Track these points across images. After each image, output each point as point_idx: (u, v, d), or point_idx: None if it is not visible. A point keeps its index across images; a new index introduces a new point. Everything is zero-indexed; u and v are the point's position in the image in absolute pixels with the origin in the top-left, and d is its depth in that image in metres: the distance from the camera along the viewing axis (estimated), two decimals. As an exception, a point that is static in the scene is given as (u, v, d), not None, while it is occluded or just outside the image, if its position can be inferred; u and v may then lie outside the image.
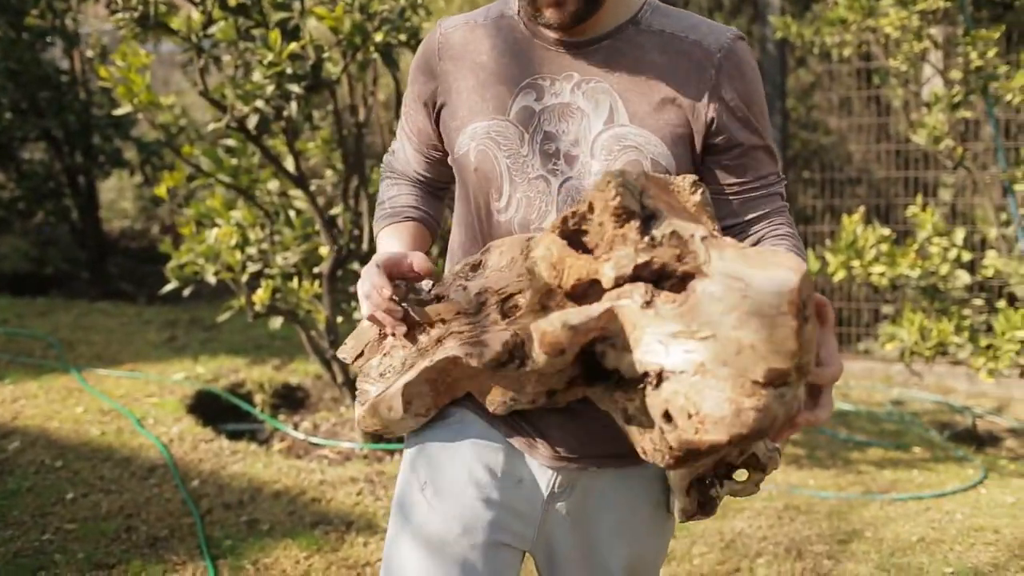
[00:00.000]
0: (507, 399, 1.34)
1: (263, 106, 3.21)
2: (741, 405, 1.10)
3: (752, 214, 1.43)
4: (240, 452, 3.45)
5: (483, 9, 1.51)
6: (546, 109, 1.39)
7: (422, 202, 1.60)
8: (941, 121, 3.96)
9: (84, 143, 6.28)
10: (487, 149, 1.41)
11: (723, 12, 5.69)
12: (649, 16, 1.41)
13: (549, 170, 1.39)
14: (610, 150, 1.37)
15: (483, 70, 1.44)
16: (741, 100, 1.38)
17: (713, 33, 1.40)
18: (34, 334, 4.72)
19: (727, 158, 1.40)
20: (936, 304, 4.02)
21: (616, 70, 1.38)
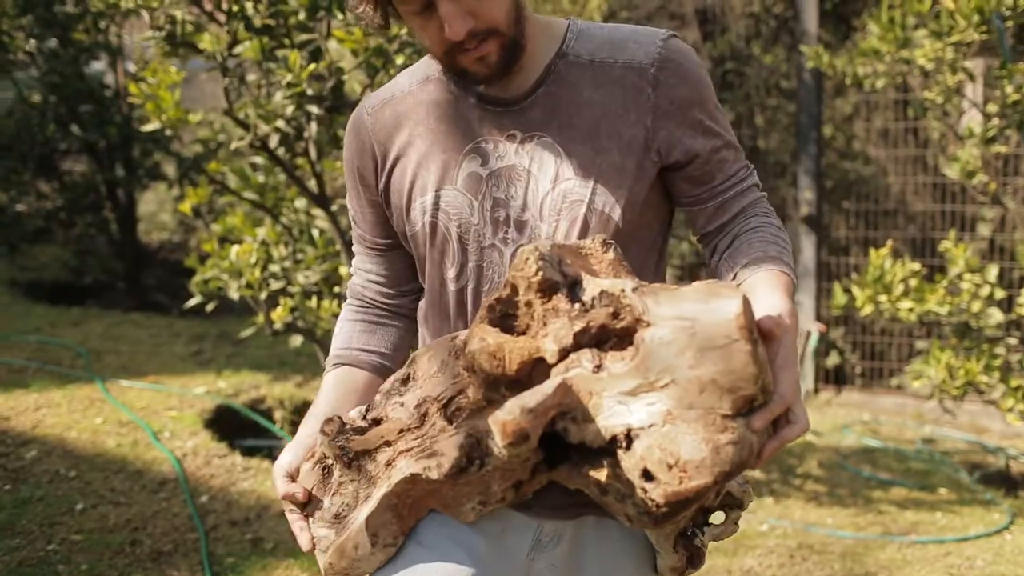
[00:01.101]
0: (475, 504, 1.29)
1: (283, 126, 3.23)
2: (718, 442, 1.09)
3: (728, 215, 1.40)
4: (252, 469, 3.46)
5: (404, 76, 1.46)
6: (493, 173, 1.35)
7: (361, 339, 1.52)
8: (975, 156, 3.88)
9: (125, 156, 6.40)
10: (438, 221, 1.37)
11: (761, 40, 5.65)
12: (575, 44, 1.37)
13: (500, 239, 1.36)
14: (558, 209, 1.33)
15: (423, 141, 1.39)
16: (687, 107, 1.34)
17: (642, 47, 1.35)
18: (64, 343, 4.79)
19: (691, 169, 1.36)
20: (966, 342, 3.92)
21: (555, 118, 1.34)
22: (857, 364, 5.50)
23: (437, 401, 1.29)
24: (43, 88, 6.10)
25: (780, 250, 1.34)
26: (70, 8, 5.99)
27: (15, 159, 6.17)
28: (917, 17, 3.94)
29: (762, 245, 1.34)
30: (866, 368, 5.49)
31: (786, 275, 1.30)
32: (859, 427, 4.85)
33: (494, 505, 1.29)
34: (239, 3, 3.15)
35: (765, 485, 3.84)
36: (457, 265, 1.38)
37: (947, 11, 3.72)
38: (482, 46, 1.27)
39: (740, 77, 5.73)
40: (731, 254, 1.36)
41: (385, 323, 1.54)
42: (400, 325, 1.55)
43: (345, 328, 1.53)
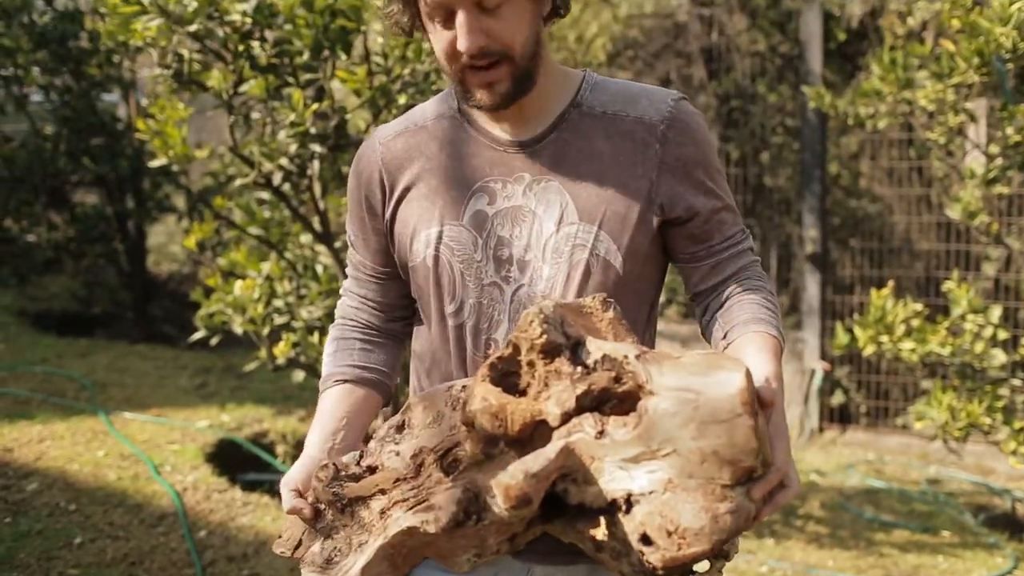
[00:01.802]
0: (470, 556, 1.30)
1: (287, 164, 3.26)
2: (717, 511, 1.13)
3: (722, 275, 1.43)
4: (252, 504, 3.46)
5: (418, 111, 1.50)
6: (499, 213, 1.39)
7: (360, 356, 1.53)
8: (977, 196, 3.88)
9: (135, 188, 6.46)
10: (440, 255, 1.40)
11: (766, 79, 5.68)
12: (589, 95, 1.41)
13: (503, 277, 1.38)
14: (561, 252, 1.37)
15: (432, 176, 1.42)
16: (691, 166, 1.38)
17: (653, 104, 1.39)
18: (69, 374, 4.81)
19: (691, 227, 1.40)
20: (968, 383, 3.90)
21: (564, 165, 1.38)
22: (862, 403, 5.48)
23: (433, 452, 1.30)
24: (56, 121, 6.17)
25: (771, 314, 1.37)
26: (84, 43, 6.07)
27: (27, 190, 6.23)
28: (919, 59, 3.96)
29: (753, 308, 1.38)
30: (871, 407, 5.47)
31: (775, 339, 1.33)
32: (863, 467, 4.83)
33: (489, 557, 1.30)
34: (245, 43, 3.19)
35: (766, 526, 3.82)
36: (457, 301, 1.41)
37: (947, 53, 3.74)
38: (492, 70, 1.31)
39: (745, 115, 5.76)
40: (723, 314, 1.40)
41: (381, 343, 1.55)
42: (394, 345, 1.57)
43: (342, 346, 1.54)
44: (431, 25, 1.32)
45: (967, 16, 3.65)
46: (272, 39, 3.22)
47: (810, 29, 5.15)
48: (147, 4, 3.12)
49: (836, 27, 5.47)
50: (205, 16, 3.14)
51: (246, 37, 3.22)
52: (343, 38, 3.15)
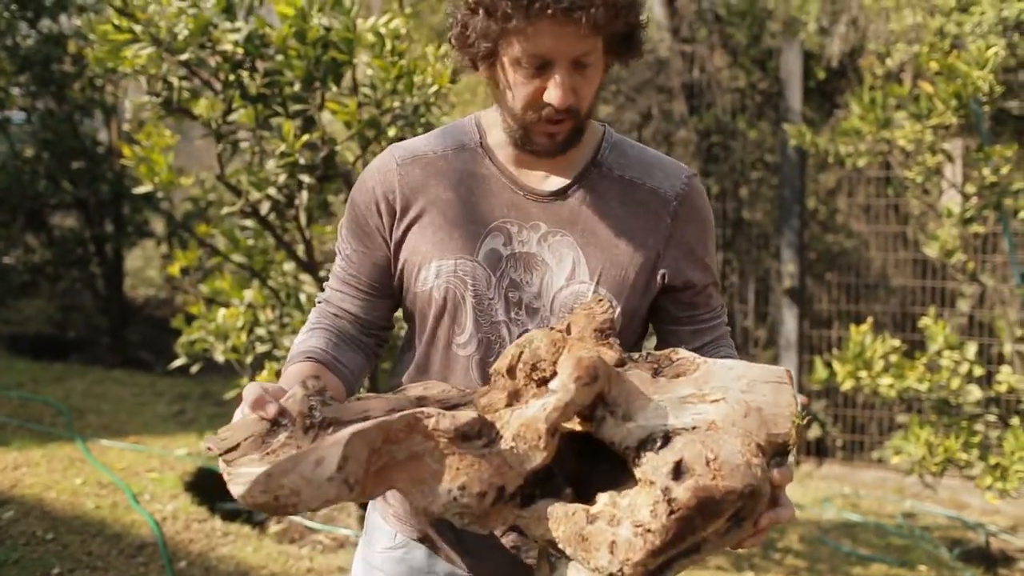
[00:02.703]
0: (455, 488, 1.17)
1: (275, 193, 3.27)
2: (752, 461, 1.17)
3: (700, 341, 1.50)
4: (232, 534, 3.44)
5: (437, 137, 1.50)
6: (513, 256, 1.42)
7: (335, 347, 1.47)
8: (953, 235, 3.95)
9: (115, 213, 6.43)
10: (454, 287, 1.42)
11: (746, 115, 5.76)
12: (609, 156, 1.46)
13: (511, 318, 1.42)
14: (568, 308, 1.40)
15: (450, 207, 1.43)
16: (696, 244, 1.46)
17: (668, 178, 1.45)
18: (45, 400, 4.77)
19: (683, 296, 1.48)
20: (945, 419, 3.95)
21: (580, 222, 1.42)
22: (838, 437, 5.52)
23: (438, 403, 1.27)
24: (36, 144, 6.14)
25: None
26: (67, 67, 6.06)
27: (5, 212, 6.19)
28: (897, 99, 4.04)
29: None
30: (847, 441, 5.52)
31: None
32: (840, 500, 4.86)
33: (469, 501, 1.17)
34: (236, 72, 3.20)
35: (746, 559, 3.84)
36: (467, 334, 1.43)
37: (926, 95, 3.82)
38: (561, 123, 1.35)
39: (725, 150, 5.83)
40: None
41: (354, 348, 1.51)
42: (364, 356, 1.52)
43: (318, 334, 1.48)
44: (514, 70, 1.34)
45: (945, 59, 3.73)
46: (263, 69, 3.24)
47: (790, 67, 5.23)
48: (139, 32, 3.14)
49: (816, 65, 5.56)
50: (197, 45, 3.16)
51: (237, 67, 3.24)
52: (335, 70, 3.18)
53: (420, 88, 3.08)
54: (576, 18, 1.25)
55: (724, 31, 5.79)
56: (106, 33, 3.21)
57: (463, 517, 1.18)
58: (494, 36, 1.32)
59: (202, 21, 3.11)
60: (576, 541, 1.15)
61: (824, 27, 5.63)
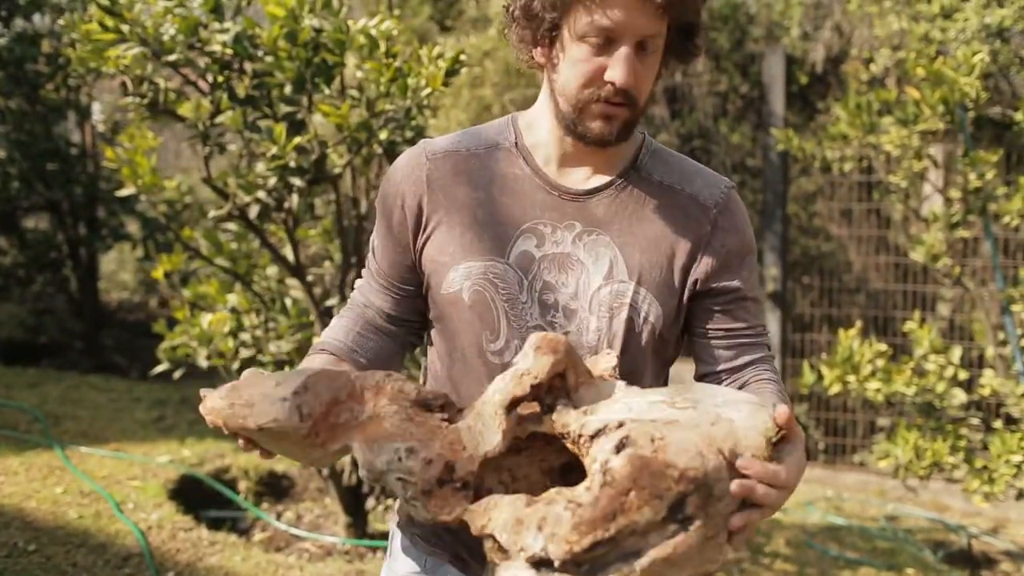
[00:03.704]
0: (403, 448, 1.17)
1: (264, 197, 3.23)
2: (705, 456, 1.07)
3: (740, 360, 1.44)
4: (219, 543, 3.38)
5: (470, 136, 1.47)
6: (546, 257, 1.38)
7: (355, 338, 1.47)
8: (939, 239, 3.98)
9: (88, 215, 6.33)
10: (484, 290, 1.38)
11: (728, 119, 5.77)
12: (648, 161, 1.42)
13: (547, 321, 1.38)
14: (608, 307, 1.37)
15: (480, 208, 1.40)
16: (733, 254, 1.41)
17: (708, 186, 1.42)
18: (20, 407, 4.67)
19: (719, 303, 1.42)
20: (931, 423, 3.98)
21: (617, 223, 1.38)
22: (820, 440, 5.55)
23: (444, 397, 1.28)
24: (9, 145, 6.03)
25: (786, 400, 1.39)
26: (41, 67, 5.96)
27: (-25, 215, 6.08)
28: (884, 104, 4.06)
29: (772, 398, 1.37)
30: (829, 444, 5.54)
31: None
32: (823, 504, 4.88)
33: (413, 464, 1.15)
34: (225, 74, 3.15)
35: (734, 564, 3.83)
36: (502, 339, 1.39)
37: (913, 100, 3.84)
38: (619, 108, 1.31)
39: (707, 154, 5.84)
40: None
41: (380, 338, 1.50)
42: (392, 346, 1.51)
43: (343, 324, 1.50)
44: (576, 44, 1.30)
45: (931, 65, 3.75)
46: (252, 71, 3.19)
47: (773, 72, 5.25)
48: (127, 32, 3.08)
49: (798, 70, 5.58)
50: (186, 46, 3.11)
51: (225, 68, 3.19)
52: (326, 71, 3.14)
53: (414, 91, 3.04)
54: None
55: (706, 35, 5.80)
56: (90, 32, 3.15)
57: (406, 486, 1.15)
58: (563, 5, 1.28)
59: (191, 22, 3.05)
60: (511, 526, 1.08)
61: (807, 32, 5.66)
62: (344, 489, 3.69)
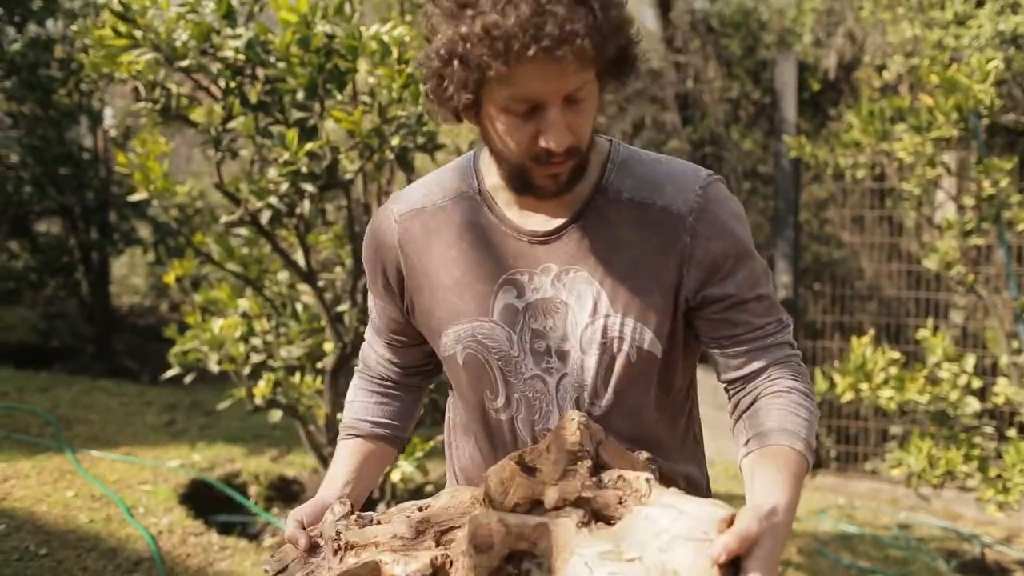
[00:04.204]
0: None
1: (276, 202, 3.23)
2: None
3: (750, 368, 1.37)
4: (229, 548, 3.38)
5: (436, 184, 1.43)
6: (529, 306, 1.36)
7: (375, 411, 1.56)
8: (953, 247, 3.96)
9: (100, 220, 6.35)
10: (475, 352, 1.37)
11: (739, 125, 5.76)
12: (615, 178, 1.36)
13: (543, 369, 1.36)
14: (599, 344, 1.34)
15: (456, 266, 1.38)
16: (720, 259, 1.34)
17: (680, 192, 1.34)
18: (32, 410, 4.68)
19: (715, 311, 1.36)
20: (945, 431, 3.95)
21: (592, 256, 1.34)
22: (832, 448, 5.52)
23: (438, 525, 1.33)
24: (22, 150, 6.06)
25: (800, 423, 1.31)
26: (54, 72, 5.98)
27: (-12, 219, 6.11)
28: (897, 111, 4.05)
29: (782, 415, 1.31)
30: (841, 452, 5.52)
31: (799, 454, 1.27)
32: (835, 511, 4.85)
33: None
34: (237, 79, 3.16)
35: (746, 572, 3.81)
36: (503, 397, 1.39)
37: (926, 107, 3.82)
38: (563, 164, 1.26)
39: (718, 161, 5.83)
40: (750, 416, 1.34)
41: (398, 396, 1.58)
42: (412, 398, 1.60)
43: (360, 397, 1.57)
44: (502, 116, 1.24)
45: (945, 72, 3.74)
46: (264, 76, 3.19)
47: (785, 79, 5.24)
48: (140, 38, 3.09)
49: (811, 77, 5.57)
50: (199, 51, 3.12)
51: (237, 73, 3.19)
52: (338, 77, 3.14)
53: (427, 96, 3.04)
54: (561, 56, 1.14)
55: (718, 42, 5.79)
56: (103, 38, 3.16)
57: None
58: (474, 86, 1.21)
59: (204, 27, 3.06)
60: None
61: (820, 39, 5.65)
62: (354, 495, 3.68)
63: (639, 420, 1.41)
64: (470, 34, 1.16)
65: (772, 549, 1.08)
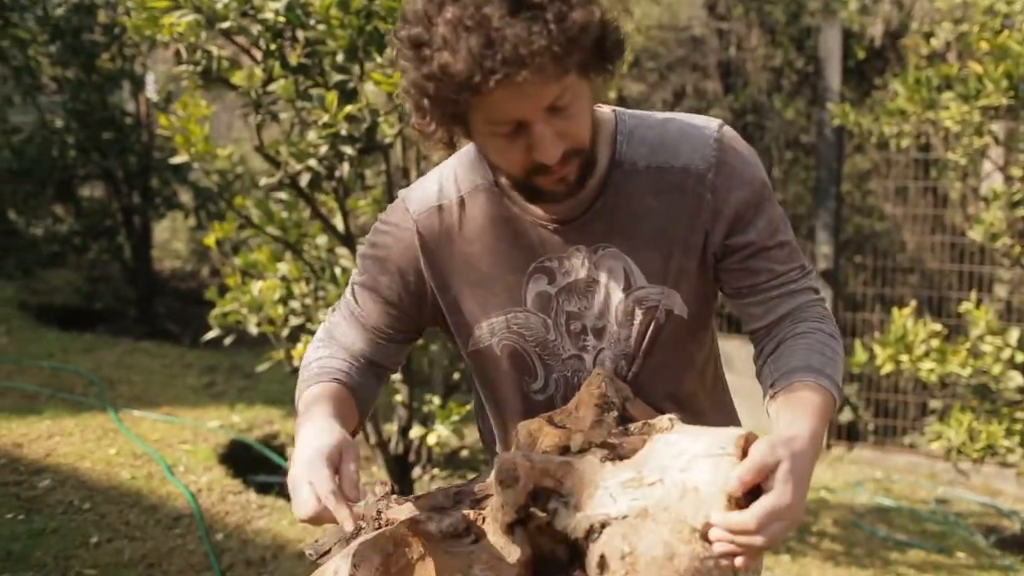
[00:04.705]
0: None
1: (315, 165, 3.24)
2: (676, 551, 1.12)
3: (774, 316, 1.37)
4: (267, 507, 3.43)
5: (449, 178, 1.39)
6: (562, 290, 1.36)
7: (357, 373, 1.43)
8: (999, 218, 3.89)
9: (142, 184, 6.42)
10: (513, 343, 1.38)
11: (782, 94, 5.68)
12: (628, 149, 1.34)
13: (580, 347, 1.37)
14: (633, 314, 1.35)
15: (483, 261, 1.36)
16: (744, 207, 1.34)
17: (696, 149, 1.33)
18: (76, 370, 4.77)
19: (735, 260, 1.36)
20: (986, 405, 3.90)
21: (619, 231, 1.34)
22: (870, 421, 5.48)
23: (474, 494, 1.35)
24: (66, 114, 6.12)
25: (824, 360, 1.30)
26: (97, 36, 6.03)
27: (34, 183, 6.18)
28: (943, 79, 3.97)
29: (804, 354, 1.31)
30: (879, 425, 5.47)
31: (824, 389, 1.26)
32: (872, 485, 4.82)
33: None
34: (277, 41, 3.16)
35: (782, 542, 3.80)
36: (541, 380, 1.40)
37: (975, 75, 3.75)
38: (567, 166, 1.24)
39: (760, 130, 5.76)
40: (774, 359, 1.34)
41: (370, 379, 1.47)
42: (377, 384, 1.49)
43: (321, 352, 1.44)
44: (490, 139, 1.22)
45: (995, 38, 3.66)
46: (304, 39, 3.19)
47: (829, 46, 5.15)
48: (181, 0, 3.10)
49: (856, 44, 5.47)
50: (239, 13, 3.12)
51: (278, 36, 3.20)
52: (378, 40, 3.13)
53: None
54: (523, 80, 1.10)
55: (761, 9, 5.70)
56: (145, 1, 3.17)
57: None
58: (451, 118, 1.19)
59: (245, -11, 3.06)
60: None
61: (866, 5, 5.54)
62: (391, 457, 3.72)
63: (674, 378, 1.43)
64: (431, 74, 1.13)
65: (793, 475, 1.08)
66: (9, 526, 3.06)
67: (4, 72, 6.03)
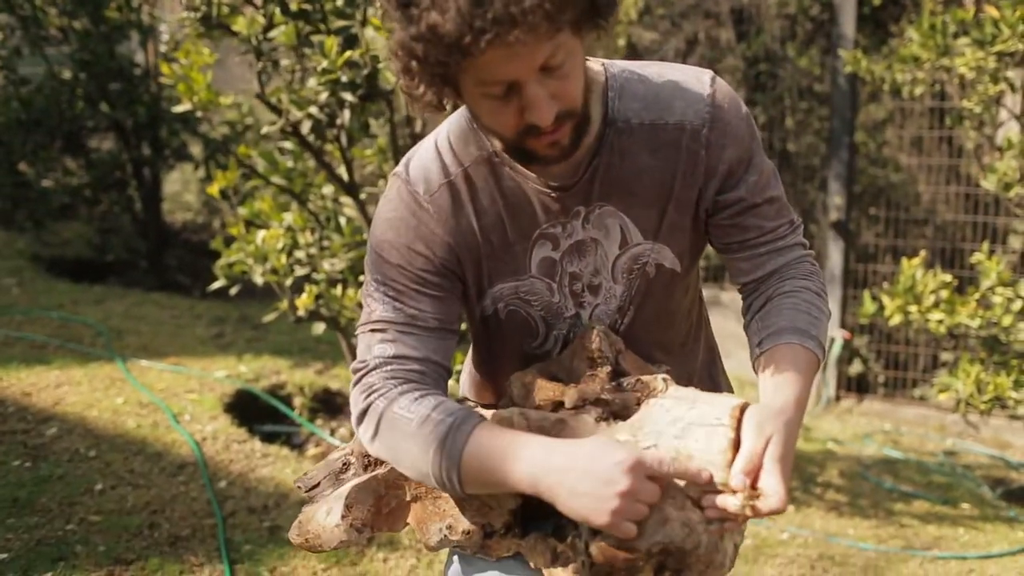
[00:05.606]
0: (443, 527, 1.34)
1: (316, 112, 3.21)
2: (668, 516, 1.14)
3: (762, 271, 1.40)
4: (271, 456, 3.45)
5: (447, 152, 1.35)
6: (565, 254, 1.37)
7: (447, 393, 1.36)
8: (1013, 168, 3.82)
9: (152, 136, 6.40)
10: (517, 308, 1.40)
11: (796, 42, 5.58)
12: (620, 105, 1.32)
13: (578, 304, 1.40)
14: (629, 270, 1.37)
15: (493, 231, 1.35)
16: (735, 165, 1.35)
17: (690, 104, 1.32)
18: (85, 321, 4.79)
19: (725, 216, 1.38)
20: (995, 357, 3.86)
21: (615, 189, 1.34)
22: (880, 373, 5.45)
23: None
24: (74, 65, 6.09)
25: (809, 320, 1.34)
26: (103, -14, 5.98)
27: (43, 134, 6.17)
28: (959, 25, 3.88)
29: (792, 314, 1.34)
30: (889, 377, 5.44)
31: (808, 351, 1.31)
32: (880, 437, 4.81)
33: (459, 538, 1.34)
34: (277, -13, 3.12)
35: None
36: (540, 337, 1.42)
37: (991, 20, 3.66)
38: (560, 129, 1.21)
39: (773, 79, 5.67)
40: (762, 317, 1.38)
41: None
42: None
43: (431, 401, 1.29)
44: (482, 101, 1.19)
45: (1013, -19, 3.56)
46: (304, -16, 3.15)
47: (844, -8, 5.04)
48: (178, -56, 3.05)
49: (871, -10, 5.36)
50: (238, -42, 3.08)
51: (278, -19, 3.15)
52: (378, -15, 3.08)
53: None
54: (514, 40, 1.07)
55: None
56: (144, -55, 3.13)
57: (464, 548, 1.35)
58: (441, 80, 1.16)
59: (243, -68, 3.01)
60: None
61: (882, -51, 5.41)
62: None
63: (663, 326, 1.47)
64: (419, 35, 1.09)
65: (784, 444, 1.17)
66: (16, 473, 3.10)
67: (12, 23, 6.00)
